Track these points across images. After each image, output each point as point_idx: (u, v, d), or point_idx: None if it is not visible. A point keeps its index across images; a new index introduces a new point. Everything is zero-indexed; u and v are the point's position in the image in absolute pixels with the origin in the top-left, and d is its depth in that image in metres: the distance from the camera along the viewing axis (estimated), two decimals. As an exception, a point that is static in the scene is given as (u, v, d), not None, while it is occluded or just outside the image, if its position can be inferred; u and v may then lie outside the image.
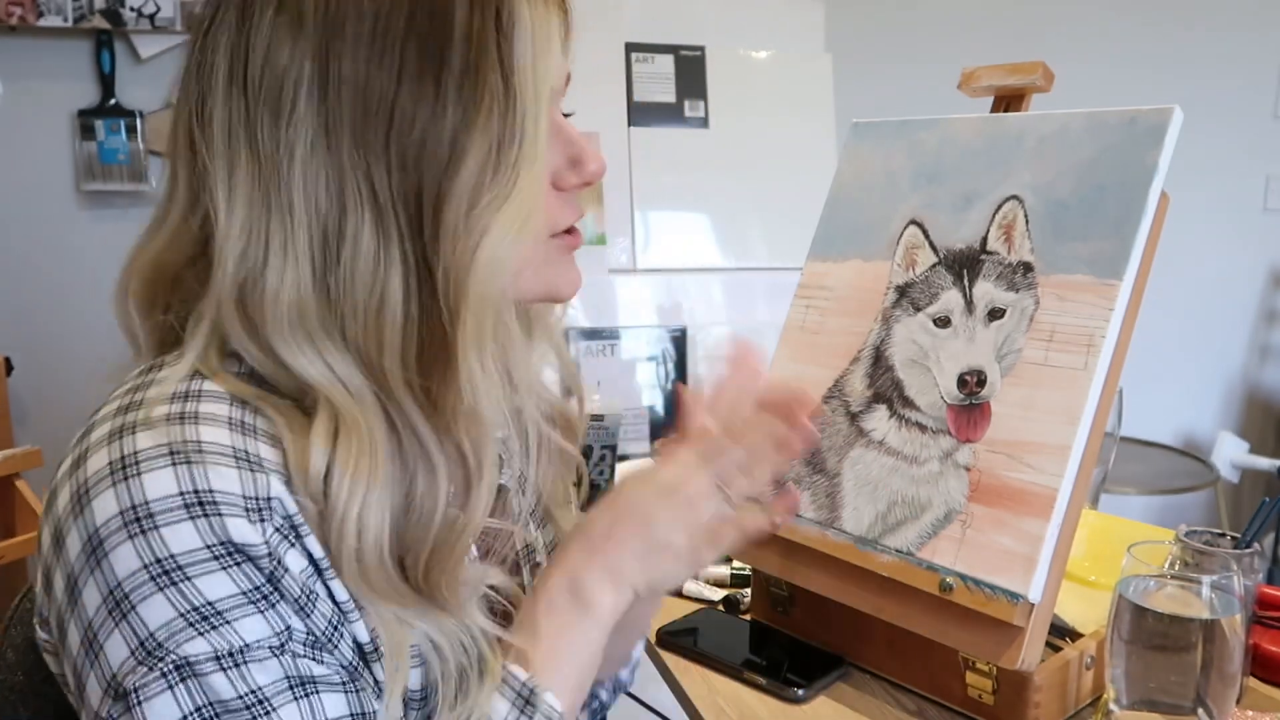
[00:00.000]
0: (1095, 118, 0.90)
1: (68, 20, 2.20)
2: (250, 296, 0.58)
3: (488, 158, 0.57)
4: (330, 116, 0.56)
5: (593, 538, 0.67)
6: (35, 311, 2.32)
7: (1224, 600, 0.75)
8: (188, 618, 0.53)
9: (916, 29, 2.73)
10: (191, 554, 0.54)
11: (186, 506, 0.54)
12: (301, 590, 0.57)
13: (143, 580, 0.53)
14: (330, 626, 0.58)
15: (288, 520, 0.56)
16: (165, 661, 0.53)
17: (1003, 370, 0.89)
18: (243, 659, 0.54)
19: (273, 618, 0.55)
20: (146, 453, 0.55)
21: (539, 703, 0.63)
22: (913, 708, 0.91)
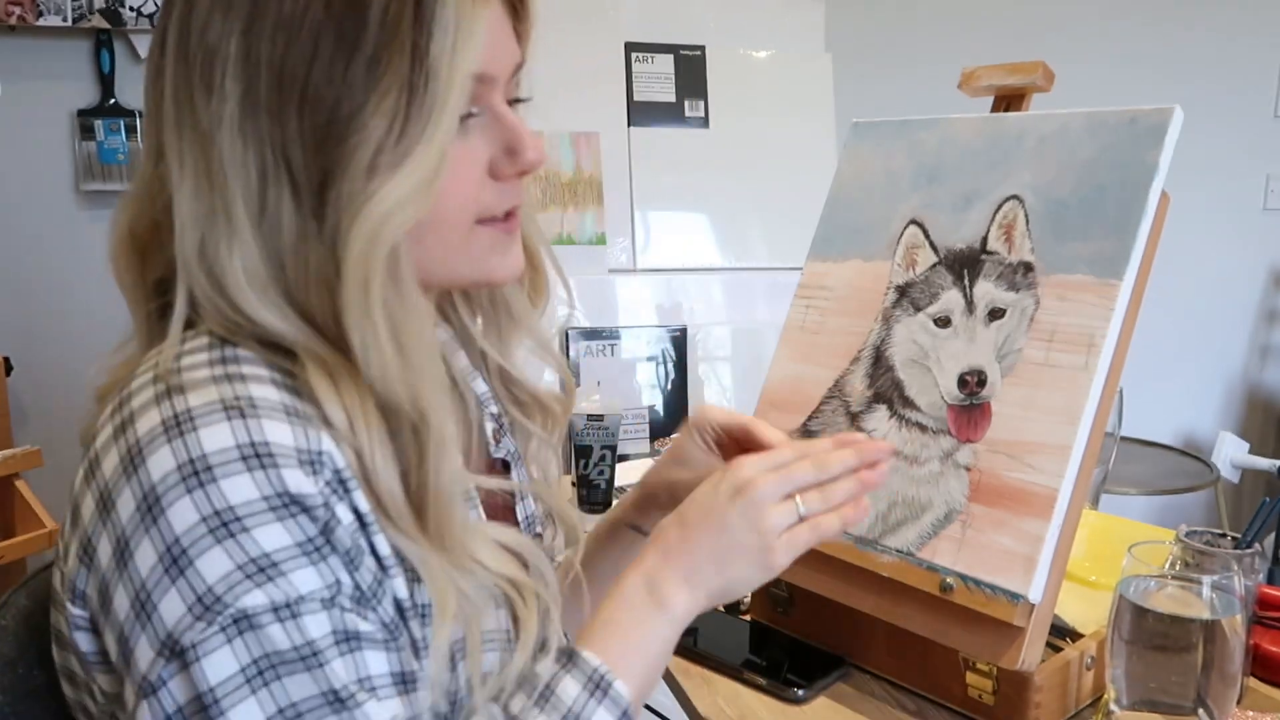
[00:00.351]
0: (1095, 118, 0.90)
1: (67, 20, 2.20)
2: (212, 260, 0.60)
3: (386, 137, 0.58)
4: (250, 93, 0.59)
5: (668, 540, 0.70)
6: (35, 311, 2.31)
7: (1224, 600, 0.75)
8: (245, 570, 0.54)
9: (916, 29, 2.73)
10: (249, 505, 0.55)
11: (244, 459, 0.55)
12: (351, 543, 0.58)
13: (201, 534, 0.54)
14: (375, 582, 0.60)
15: (337, 474, 0.58)
16: (224, 615, 0.54)
17: (1003, 370, 0.89)
18: (299, 610, 0.55)
19: (324, 570, 0.56)
20: (200, 409, 0.56)
21: (610, 689, 0.65)
22: (913, 708, 0.91)
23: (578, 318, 2.03)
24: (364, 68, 0.58)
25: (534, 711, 0.65)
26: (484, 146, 0.65)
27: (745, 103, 2.24)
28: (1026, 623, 0.81)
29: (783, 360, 1.03)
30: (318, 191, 0.59)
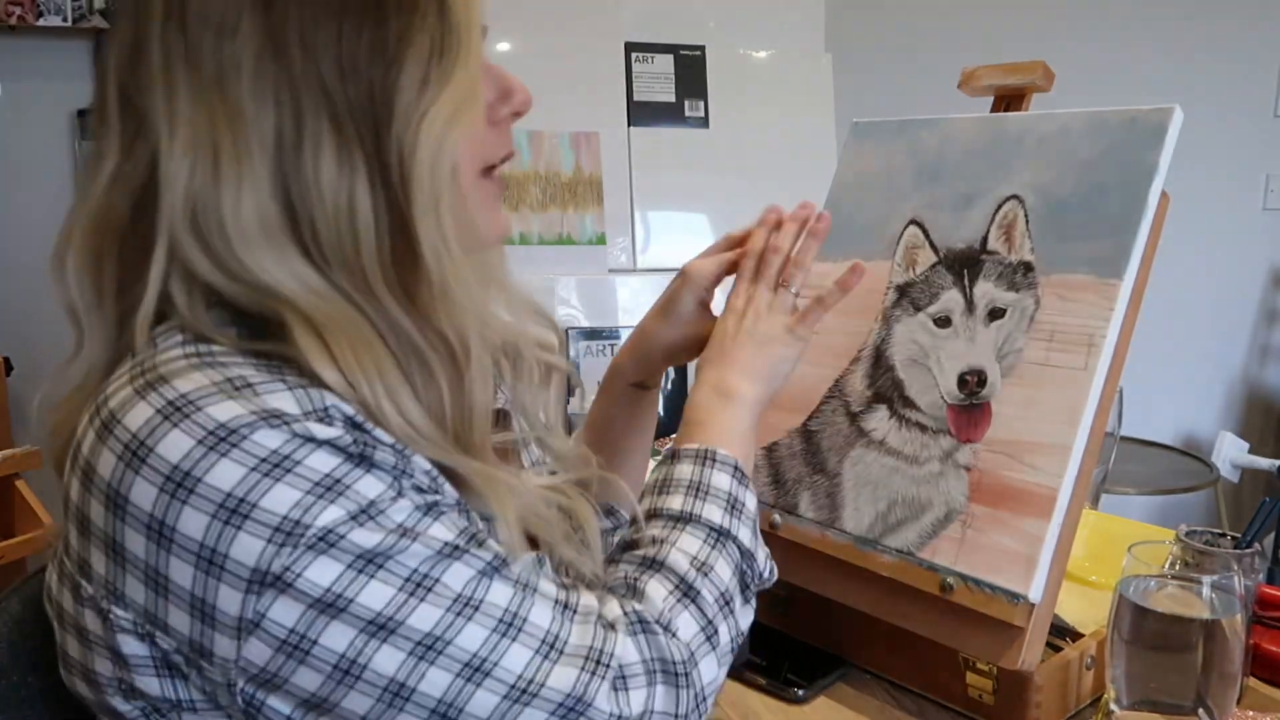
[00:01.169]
0: (1095, 118, 0.90)
1: (67, 20, 2.20)
2: (203, 214, 0.59)
3: (429, 55, 0.61)
4: (277, 29, 0.58)
5: (713, 360, 0.82)
6: (35, 311, 2.31)
7: (1224, 600, 0.75)
8: (314, 492, 0.54)
9: (916, 29, 2.73)
10: (288, 445, 0.55)
11: (264, 418, 0.55)
12: (394, 460, 0.58)
13: (256, 480, 0.54)
14: (430, 480, 0.61)
15: (348, 420, 0.58)
16: (307, 535, 0.54)
17: (1003, 370, 0.89)
18: (376, 510, 0.56)
19: (380, 475, 0.57)
20: (196, 392, 0.55)
21: (716, 455, 0.74)
22: (913, 708, 0.91)
23: (577, 317, 2.03)
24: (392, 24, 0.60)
25: (660, 498, 0.72)
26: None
27: (745, 102, 2.25)
28: (1026, 623, 0.81)
29: (783, 360, 1.03)
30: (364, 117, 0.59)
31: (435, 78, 0.61)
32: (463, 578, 0.57)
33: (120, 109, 0.62)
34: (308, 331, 0.58)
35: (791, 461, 0.99)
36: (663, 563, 0.67)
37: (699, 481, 0.72)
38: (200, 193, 0.58)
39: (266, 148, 0.58)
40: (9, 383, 2.14)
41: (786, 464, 0.99)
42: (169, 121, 0.59)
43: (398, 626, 0.54)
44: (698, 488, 0.72)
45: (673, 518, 0.71)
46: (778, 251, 0.85)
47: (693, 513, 0.71)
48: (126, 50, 0.62)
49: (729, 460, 0.74)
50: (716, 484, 0.73)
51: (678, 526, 0.70)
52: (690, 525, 0.70)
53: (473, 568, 0.57)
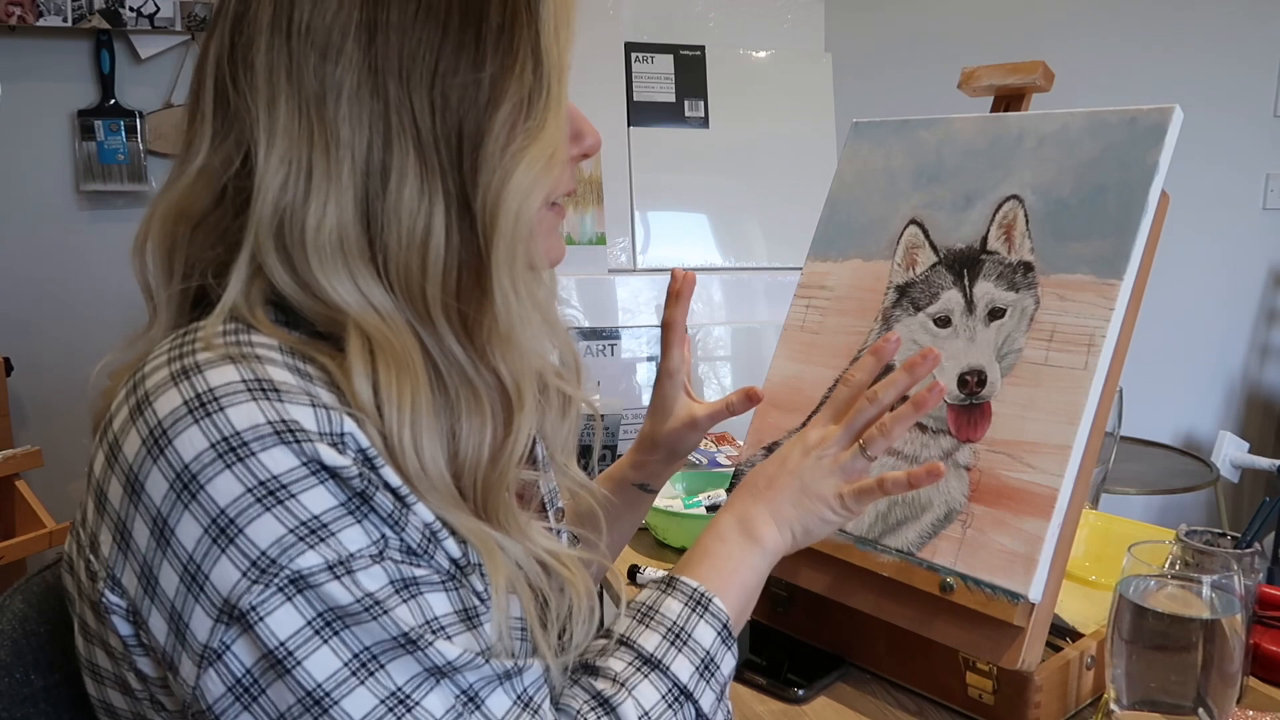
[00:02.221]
0: (1095, 117, 0.90)
1: (67, 20, 2.20)
2: (289, 226, 0.61)
3: (521, 103, 0.62)
4: (378, 59, 0.61)
5: (757, 486, 0.79)
6: (35, 312, 2.31)
7: (1224, 600, 0.75)
8: (297, 533, 0.55)
9: (916, 29, 2.73)
10: (291, 473, 0.55)
11: (278, 433, 0.55)
12: (392, 507, 0.59)
13: (248, 504, 0.54)
14: (424, 539, 0.60)
15: (361, 453, 0.58)
16: (280, 577, 0.54)
17: (1003, 370, 0.89)
18: (352, 566, 0.56)
19: (369, 528, 0.57)
20: (223, 388, 0.56)
21: (710, 605, 0.71)
22: (913, 708, 0.91)
23: (577, 317, 2.03)
24: (493, 37, 0.62)
25: (639, 629, 0.69)
26: None
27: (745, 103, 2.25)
28: (1026, 622, 0.81)
29: (782, 360, 1.03)
30: (453, 154, 0.61)
31: (525, 127, 0.62)
32: (407, 673, 0.56)
33: (216, 107, 0.64)
34: (360, 346, 0.60)
35: (791, 461, 0.99)
36: (615, 708, 0.65)
37: (682, 627, 0.70)
38: (289, 205, 0.61)
39: (356, 170, 0.61)
40: (9, 383, 2.14)
41: (786, 464, 0.99)
42: (268, 132, 0.61)
43: (331, 706, 0.54)
44: (678, 634, 0.69)
45: (642, 659, 0.68)
46: (875, 403, 0.77)
47: (662, 661, 0.68)
48: (229, 52, 0.63)
49: (720, 615, 0.71)
50: (698, 637, 0.70)
51: (642, 670, 0.67)
52: (655, 673, 0.67)
53: (422, 665, 0.56)
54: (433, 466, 0.61)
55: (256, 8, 0.62)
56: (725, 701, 0.70)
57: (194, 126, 0.65)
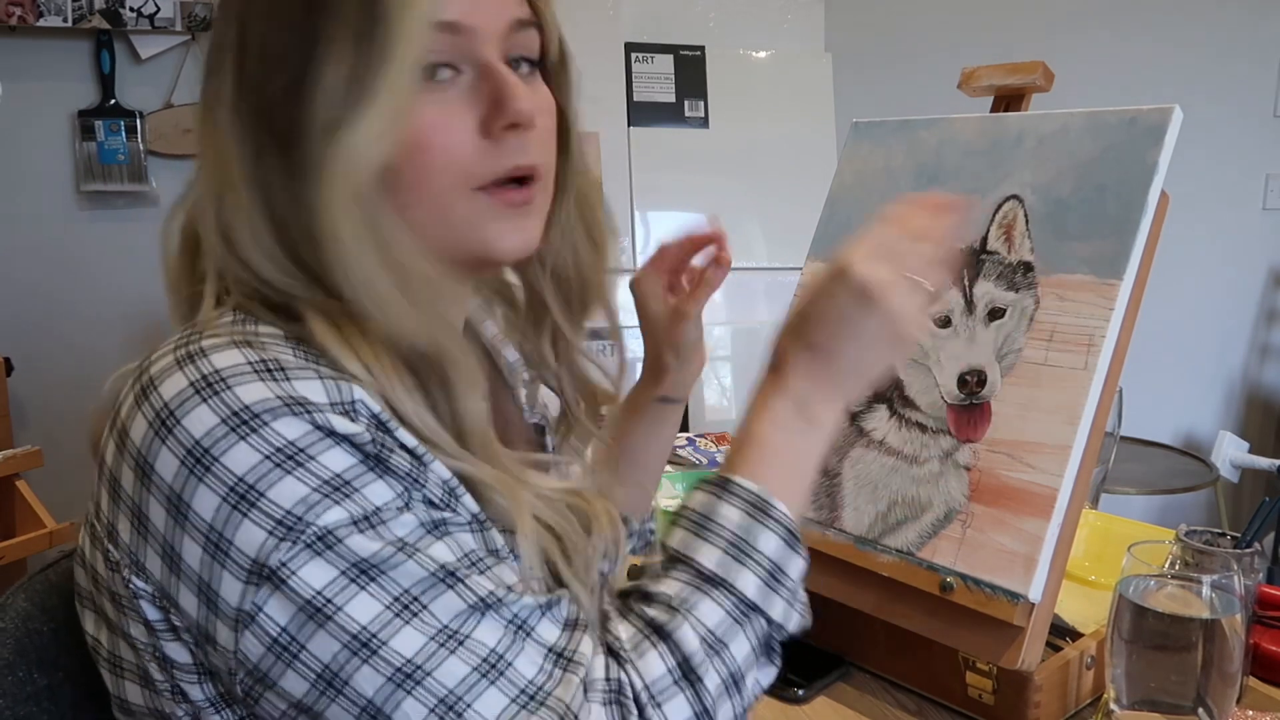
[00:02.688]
0: (1095, 117, 0.90)
1: (67, 20, 2.20)
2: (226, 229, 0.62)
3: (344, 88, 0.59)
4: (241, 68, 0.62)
5: (807, 362, 0.69)
6: (35, 312, 2.32)
7: (1224, 600, 0.75)
8: (321, 490, 0.55)
9: (916, 29, 2.73)
10: (306, 437, 0.55)
11: (288, 405, 0.56)
12: (410, 466, 0.59)
13: (268, 469, 0.54)
14: (445, 493, 0.60)
15: (374, 418, 0.58)
16: (307, 533, 0.54)
17: (1003, 370, 0.89)
18: (378, 519, 0.56)
19: (392, 482, 0.57)
20: (229, 369, 0.57)
21: (771, 509, 0.64)
22: (913, 708, 0.91)
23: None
24: (319, 20, 0.59)
25: (695, 542, 0.63)
26: (470, 104, 0.63)
27: (745, 103, 2.25)
28: (1026, 622, 0.81)
29: (783, 360, 1.03)
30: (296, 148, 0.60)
31: (343, 116, 0.59)
32: (452, 609, 0.56)
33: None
34: (325, 324, 0.60)
35: (791, 461, 0.99)
36: (670, 634, 0.60)
37: (743, 539, 0.63)
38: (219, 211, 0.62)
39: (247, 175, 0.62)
40: (9, 383, 2.14)
41: (786, 464, 0.99)
42: (200, 146, 0.64)
43: (380, 646, 0.54)
44: (739, 547, 0.63)
45: (701, 576, 0.62)
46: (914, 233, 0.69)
47: (724, 578, 0.62)
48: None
49: (784, 520, 0.64)
50: (763, 546, 0.63)
51: (701, 589, 0.62)
52: (718, 590, 0.62)
53: (465, 600, 0.56)
54: (434, 425, 0.61)
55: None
56: (798, 603, 0.66)
57: None
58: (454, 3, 0.61)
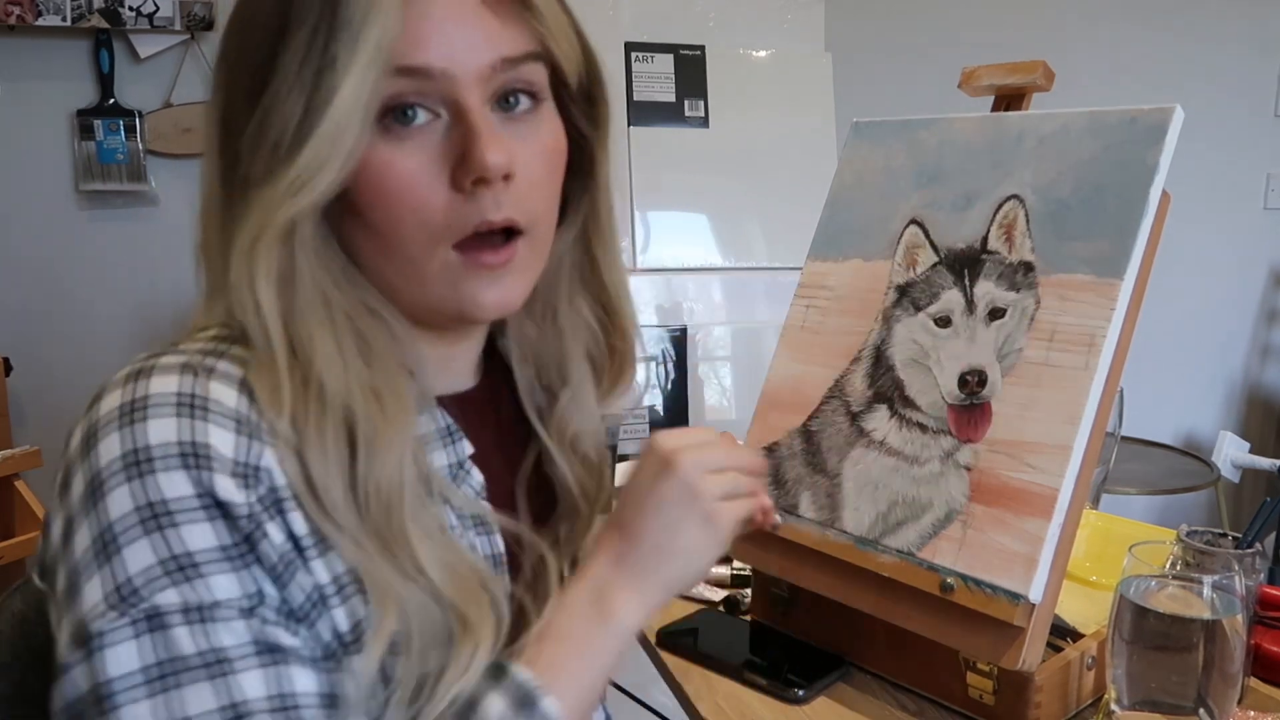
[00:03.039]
0: (1096, 117, 0.90)
1: (66, 20, 2.20)
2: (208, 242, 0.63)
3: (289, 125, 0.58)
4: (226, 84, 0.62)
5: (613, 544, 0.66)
6: (35, 311, 2.31)
7: (1225, 600, 0.75)
8: (166, 565, 0.53)
9: (916, 29, 2.73)
10: (181, 501, 0.54)
11: (183, 455, 0.55)
12: (279, 559, 0.57)
13: (133, 523, 0.54)
14: (309, 603, 0.58)
15: (273, 492, 0.57)
16: (138, 608, 0.53)
17: (1003, 370, 0.89)
18: (210, 616, 0.54)
19: (245, 578, 0.55)
20: (155, 399, 0.56)
21: (537, 706, 0.60)
22: (913, 708, 0.91)
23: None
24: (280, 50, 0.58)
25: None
26: (445, 153, 0.61)
27: (745, 102, 2.24)
28: (1027, 623, 0.81)
29: (783, 360, 1.03)
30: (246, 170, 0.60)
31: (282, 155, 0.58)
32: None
33: None
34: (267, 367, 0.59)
35: (791, 461, 0.99)
36: None
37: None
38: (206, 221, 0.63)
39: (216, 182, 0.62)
40: (8, 383, 2.14)
41: (786, 464, 0.99)
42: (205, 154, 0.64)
43: None
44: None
45: None
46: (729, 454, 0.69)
47: None
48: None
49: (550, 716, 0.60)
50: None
51: None
52: None
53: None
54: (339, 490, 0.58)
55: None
56: None
57: None
58: (420, 47, 0.58)
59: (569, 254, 0.74)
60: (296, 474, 0.58)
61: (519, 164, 0.62)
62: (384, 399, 0.61)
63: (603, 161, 0.72)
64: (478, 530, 0.69)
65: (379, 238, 0.61)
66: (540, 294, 0.73)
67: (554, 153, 0.66)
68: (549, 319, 0.75)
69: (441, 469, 0.68)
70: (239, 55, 0.61)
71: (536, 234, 0.65)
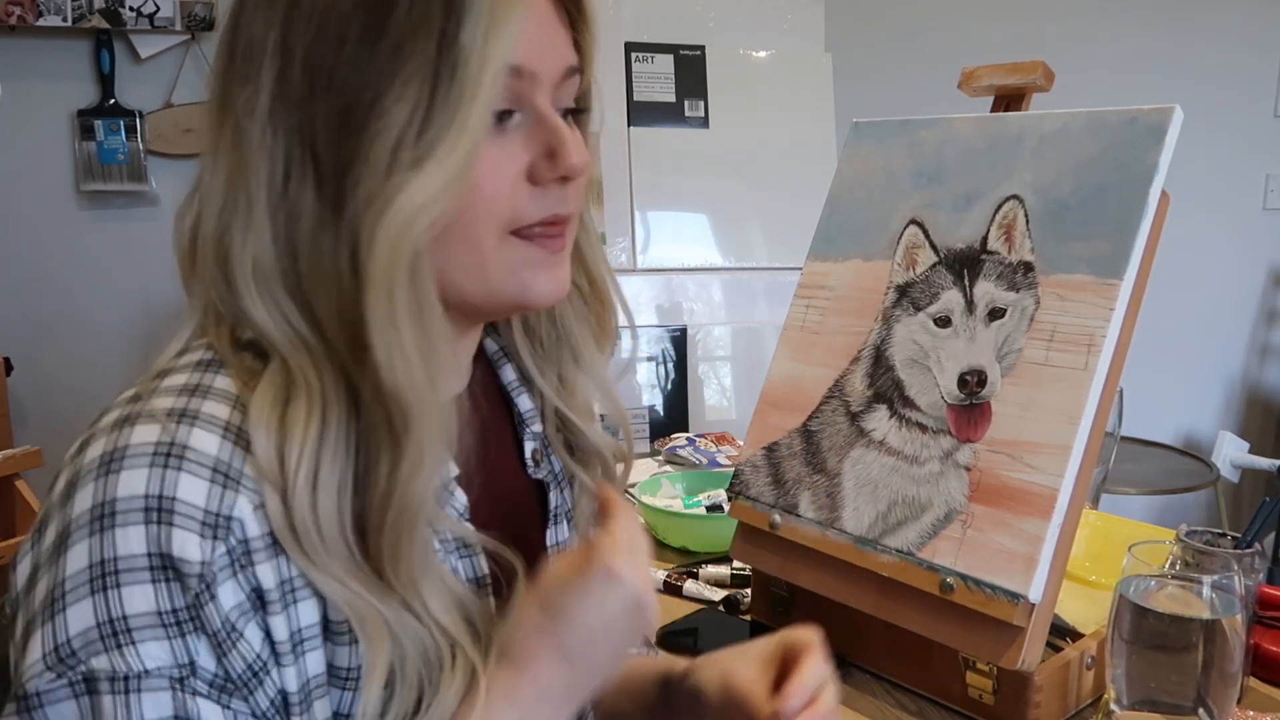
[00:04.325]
0: (1096, 117, 0.90)
1: (67, 20, 2.20)
2: (226, 251, 0.59)
3: (408, 127, 0.56)
4: (282, 82, 0.58)
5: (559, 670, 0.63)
6: (35, 311, 2.32)
7: (1225, 600, 0.75)
8: (103, 629, 0.52)
9: (916, 29, 2.74)
10: (130, 560, 0.53)
11: (146, 510, 0.53)
12: (223, 625, 0.55)
13: (82, 581, 0.53)
14: (249, 671, 0.56)
15: (243, 544, 0.55)
16: (75, 671, 0.52)
17: (1003, 370, 0.89)
18: (135, 686, 0.53)
19: (179, 647, 0.54)
20: (132, 449, 0.55)
21: None
22: (913, 708, 0.91)
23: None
24: (388, 53, 0.56)
25: None
26: (523, 149, 0.62)
27: (745, 103, 2.24)
28: (1027, 622, 0.81)
29: (783, 360, 1.03)
30: (343, 179, 0.57)
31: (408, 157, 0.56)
32: None
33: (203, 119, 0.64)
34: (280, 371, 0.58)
35: (791, 461, 0.99)
36: None
37: None
38: (224, 231, 0.59)
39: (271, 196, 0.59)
40: (9, 383, 2.14)
41: (786, 464, 0.99)
42: (213, 155, 0.60)
43: None
44: None
45: None
46: None
47: None
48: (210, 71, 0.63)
49: None
50: None
51: None
52: None
53: None
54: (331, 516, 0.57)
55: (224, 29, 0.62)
56: None
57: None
58: (521, 46, 0.59)
59: None
60: (281, 518, 0.56)
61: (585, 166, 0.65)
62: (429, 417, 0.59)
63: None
64: (460, 553, 0.68)
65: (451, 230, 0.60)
66: None
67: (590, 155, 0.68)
68: None
69: None
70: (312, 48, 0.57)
71: (575, 226, 0.68)
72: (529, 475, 0.76)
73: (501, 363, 0.77)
